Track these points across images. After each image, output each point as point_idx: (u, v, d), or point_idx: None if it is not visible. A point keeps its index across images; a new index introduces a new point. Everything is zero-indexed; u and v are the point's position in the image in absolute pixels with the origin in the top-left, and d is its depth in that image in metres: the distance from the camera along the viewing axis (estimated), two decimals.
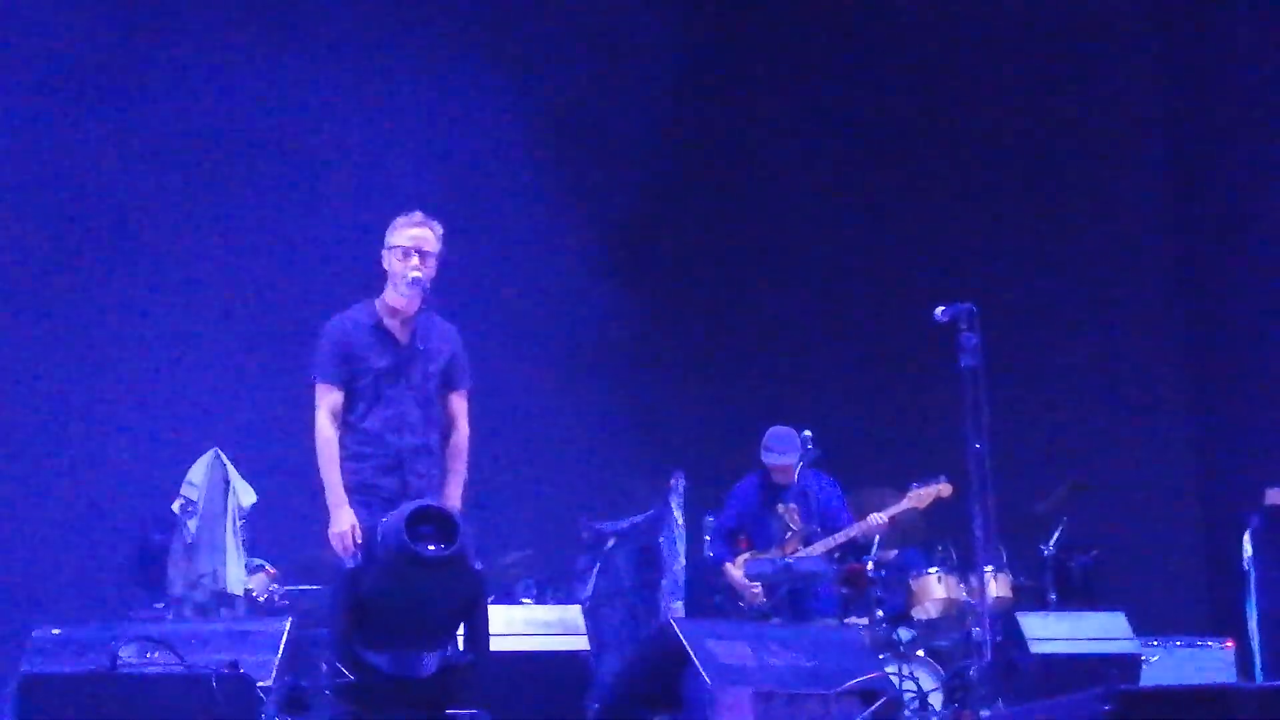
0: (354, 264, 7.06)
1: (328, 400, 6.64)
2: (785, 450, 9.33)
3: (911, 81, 11.82)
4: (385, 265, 6.80)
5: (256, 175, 10.48)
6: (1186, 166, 11.92)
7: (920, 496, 9.22)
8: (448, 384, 6.80)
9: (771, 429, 9.46)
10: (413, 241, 6.73)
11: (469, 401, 6.90)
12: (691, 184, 11.62)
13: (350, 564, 6.34)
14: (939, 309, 7.40)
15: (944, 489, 8.97)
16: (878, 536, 9.24)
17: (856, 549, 9.39)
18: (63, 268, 10.22)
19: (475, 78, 10.68)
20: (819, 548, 9.29)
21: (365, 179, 10.29)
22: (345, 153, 10.61)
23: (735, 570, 9.30)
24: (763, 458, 9.39)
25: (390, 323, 6.72)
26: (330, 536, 6.47)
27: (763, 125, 11.73)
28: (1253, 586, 9.12)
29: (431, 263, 6.74)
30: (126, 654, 6.27)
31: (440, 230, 6.80)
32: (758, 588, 9.12)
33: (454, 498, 6.68)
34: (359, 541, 6.38)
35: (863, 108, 11.78)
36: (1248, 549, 9.16)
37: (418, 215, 6.81)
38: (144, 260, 10.33)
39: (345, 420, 6.65)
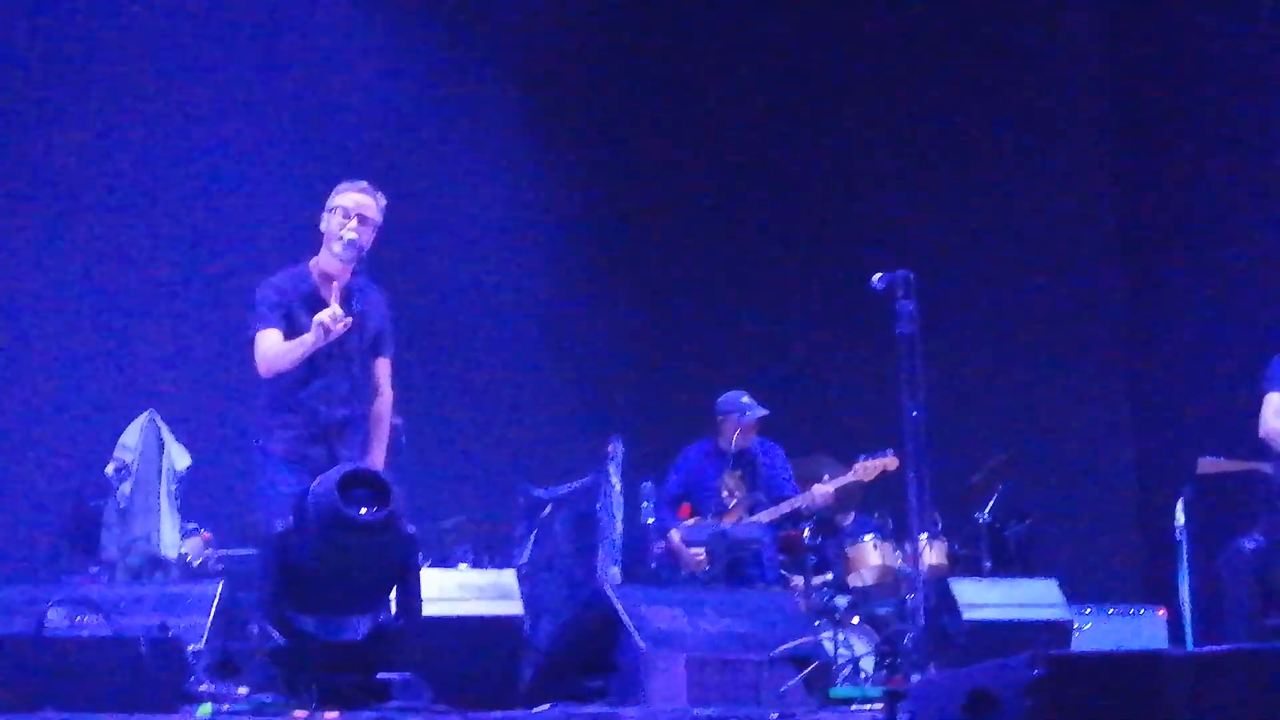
0: (291, 224, 7.01)
1: (266, 338, 6.60)
2: (756, 407, 9.35)
3: (848, 45, 11.83)
4: (323, 226, 6.75)
5: (191, 130, 10.37)
6: (1129, 135, 11.96)
7: (866, 469, 9.26)
8: (375, 350, 6.78)
9: (731, 392, 9.50)
10: (355, 205, 6.68)
11: (392, 367, 6.89)
12: (629, 149, 11.59)
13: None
14: (876, 276, 7.39)
15: (890, 462, 9.00)
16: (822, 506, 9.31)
17: (797, 517, 9.43)
18: None
19: (413, 34, 10.65)
20: (763, 517, 9.33)
21: (306, 139, 10.21)
22: (288, 111, 10.53)
23: (677, 536, 9.33)
24: (738, 419, 9.39)
25: (324, 290, 6.67)
26: (324, 326, 6.42)
27: (703, 90, 11.71)
28: (1184, 555, 9.20)
29: (370, 230, 6.69)
30: (55, 617, 6.22)
31: (383, 202, 6.76)
32: (700, 554, 9.15)
33: (377, 463, 6.66)
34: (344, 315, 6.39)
35: (798, 73, 11.78)
36: (1180, 518, 9.23)
37: (363, 182, 6.76)
38: (76, 218, 10.21)
39: (275, 389, 6.61)
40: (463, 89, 10.86)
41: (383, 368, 6.85)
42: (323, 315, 6.47)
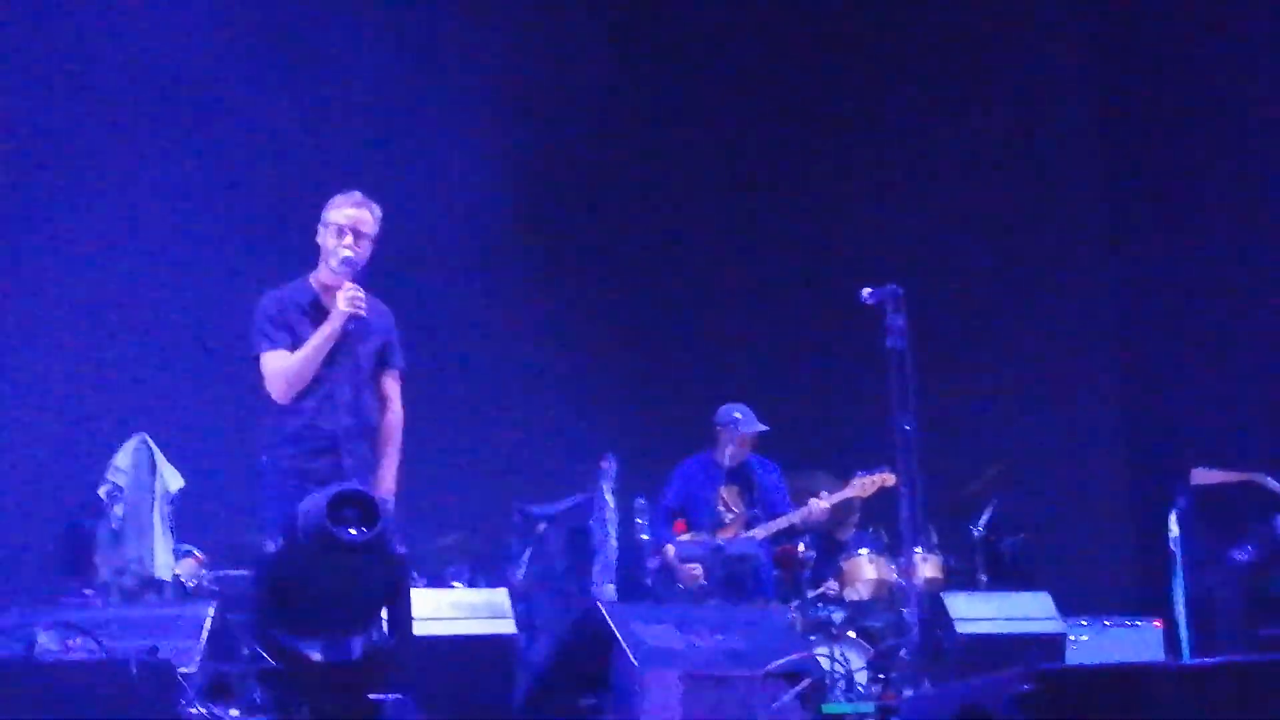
0: (284, 244, 6.99)
1: (277, 359, 6.58)
2: (754, 421, 9.36)
3: (839, 59, 11.84)
4: (319, 240, 6.74)
5: (182, 150, 10.36)
6: (1120, 150, 11.96)
7: (864, 485, 9.29)
8: (382, 364, 6.75)
9: (729, 406, 9.50)
10: (349, 220, 6.67)
11: (402, 383, 6.86)
12: (620, 164, 11.59)
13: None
14: (865, 291, 7.41)
15: (888, 478, 9.01)
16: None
17: (793, 533, 9.44)
18: None
19: (414, 51, 10.68)
20: (759, 532, 9.34)
21: (300, 155, 10.19)
22: (281, 129, 10.52)
23: (672, 552, 9.34)
24: (734, 431, 9.40)
25: (325, 300, 6.66)
26: (343, 311, 6.45)
27: (691, 105, 11.72)
28: (1179, 566, 9.19)
29: (366, 244, 6.67)
30: (45, 640, 6.20)
31: (379, 213, 6.74)
32: (697, 569, 9.15)
33: (388, 480, 6.63)
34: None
35: (791, 87, 11.79)
36: (1174, 529, 9.22)
37: (357, 195, 6.74)
38: (69, 238, 10.20)
39: (275, 405, 6.60)
40: (458, 106, 10.86)
41: (392, 383, 6.81)
42: (343, 294, 6.45)
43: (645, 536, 9.60)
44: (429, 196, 10.53)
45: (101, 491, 8.94)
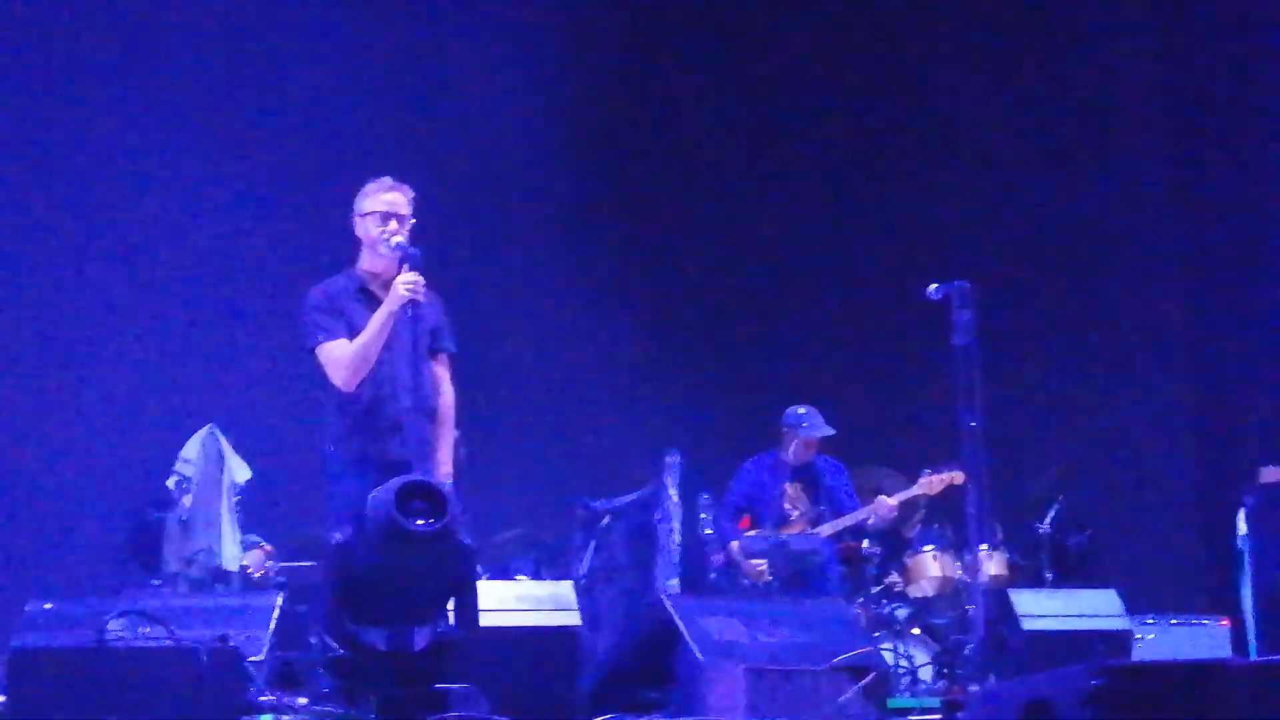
0: (346, 233, 7.03)
1: (336, 347, 6.62)
2: (819, 424, 9.34)
3: (907, 53, 11.78)
4: (359, 232, 6.78)
5: (247, 148, 10.45)
6: (1190, 141, 11.85)
7: (932, 483, 9.28)
8: (433, 345, 6.79)
9: (795, 407, 9.50)
10: (387, 206, 6.71)
11: (452, 367, 6.91)
12: (690, 159, 11.59)
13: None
14: (932, 286, 7.37)
15: (956, 476, 8.98)
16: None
17: (860, 531, 9.44)
18: (57, 243, 10.21)
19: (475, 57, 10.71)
20: (827, 529, 9.34)
21: (352, 150, 10.24)
22: (335, 124, 10.59)
23: (736, 547, 9.35)
24: (798, 434, 9.41)
25: (373, 287, 6.71)
26: (400, 297, 6.47)
27: (762, 101, 11.70)
28: (1247, 564, 9.11)
29: (407, 226, 6.72)
30: (116, 628, 6.26)
31: (411, 194, 6.76)
32: (762, 565, 9.16)
33: (446, 462, 6.68)
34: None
35: (858, 81, 11.74)
36: (1242, 527, 9.14)
37: (387, 180, 6.78)
38: (139, 235, 10.32)
39: (337, 393, 6.65)
40: (518, 93, 10.89)
41: (442, 364, 6.86)
42: (402, 280, 6.49)
43: (709, 532, 9.61)
44: (497, 187, 10.61)
45: (170, 483, 9.03)
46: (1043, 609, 8.05)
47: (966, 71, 11.78)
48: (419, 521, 5.96)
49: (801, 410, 9.53)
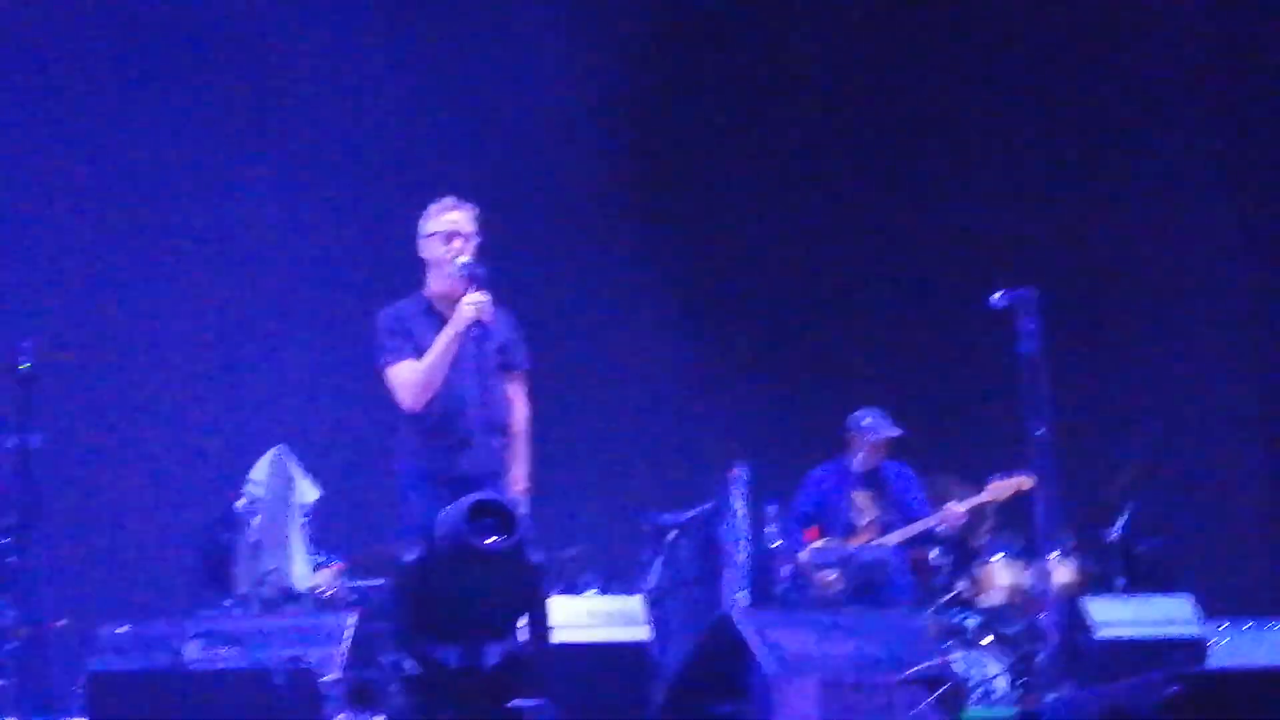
0: (413, 255, 7.08)
1: (403, 369, 6.65)
2: (886, 425, 9.34)
3: (969, 59, 11.72)
4: (424, 254, 6.86)
5: (315, 169, 10.52)
6: (1252, 144, 11.75)
7: (1000, 489, 9.23)
8: (506, 364, 6.82)
9: (861, 411, 9.47)
10: (451, 226, 6.78)
11: (528, 384, 6.94)
12: (750, 168, 11.58)
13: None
14: (997, 294, 7.34)
15: (1024, 482, 8.92)
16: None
17: (924, 539, 9.40)
18: (126, 265, 10.28)
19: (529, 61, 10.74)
20: (895, 537, 9.31)
21: (418, 172, 10.29)
22: (404, 144, 10.65)
23: (805, 559, 9.32)
24: (865, 437, 9.37)
25: (440, 307, 6.75)
26: (466, 317, 6.53)
27: (819, 110, 11.68)
28: None
29: (472, 245, 6.75)
30: (191, 650, 6.31)
31: (475, 212, 6.82)
32: (832, 576, 9.12)
33: (521, 480, 6.73)
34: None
35: (917, 87, 11.69)
36: None
37: (450, 200, 6.86)
38: (209, 257, 10.39)
39: (405, 409, 6.70)
40: (574, 102, 10.94)
41: (516, 382, 6.89)
42: (468, 300, 6.53)
43: (777, 544, 9.59)
44: (558, 199, 10.64)
45: (239, 505, 9.07)
46: (1116, 616, 7.98)
47: (1033, 77, 11.71)
48: (489, 539, 6.00)
49: (867, 414, 9.50)
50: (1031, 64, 11.72)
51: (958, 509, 9.26)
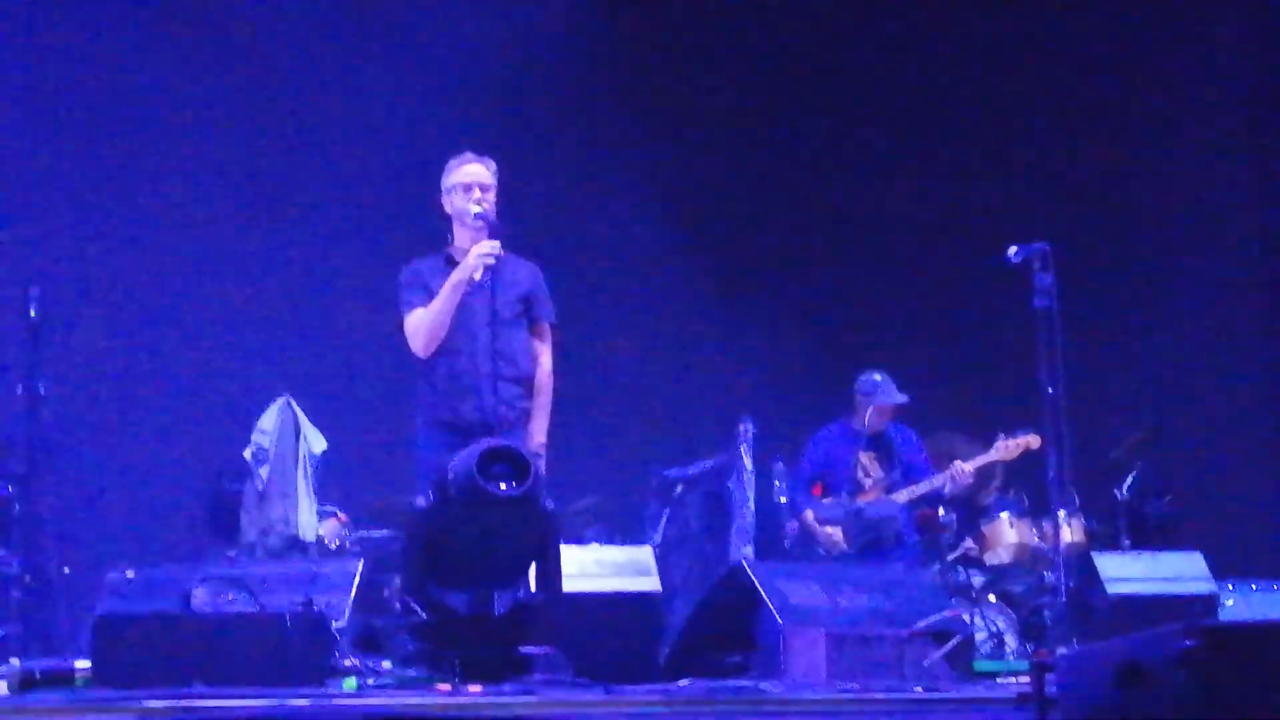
0: (424, 209, 7.07)
1: (414, 316, 6.70)
2: (892, 392, 9.31)
3: (984, 16, 11.65)
4: (447, 209, 6.86)
5: (327, 121, 10.51)
6: (1269, 106, 11.70)
7: (1008, 448, 9.20)
8: (528, 316, 6.80)
9: (868, 374, 9.44)
10: (470, 177, 6.77)
11: (553, 336, 6.92)
12: (761, 129, 11.53)
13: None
14: (1012, 249, 7.30)
15: (1033, 440, 8.89)
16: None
17: (931, 498, 9.38)
18: (132, 215, 10.27)
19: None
20: (901, 496, 9.28)
21: (424, 122, 10.25)
22: (414, 102, 10.61)
23: (811, 515, 9.31)
24: (871, 401, 9.34)
25: (461, 259, 6.73)
26: (472, 264, 6.56)
27: (834, 68, 11.62)
28: None
29: (491, 196, 6.75)
30: (200, 595, 6.31)
31: (494, 166, 6.82)
32: (837, 533, 9.11)
33: (539, 432, 6.70)
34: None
35: (931, 43, 11.63)
36: None
37: (468, 154, 6.85)
38: (217, 208, 10.37)
39: (419, 359, 6.69)
40: (588, 84, 10.91)
41: (541, 334, 6.88)
42: (477, 247, 6.56)
43: (783, 500, 9.59)
44: (572, 158, 10.61)
45: (247, 454, 9.09)
46: (1127, 572, 7.99)
47: (1049, 33, 11.63)
48: (501, 485, 5.98)
49: (876, 377, 9.45)
50: (1056, 21, 11.63)
51: (964, 468, 9.23)
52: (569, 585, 6.53)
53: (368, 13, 10.63)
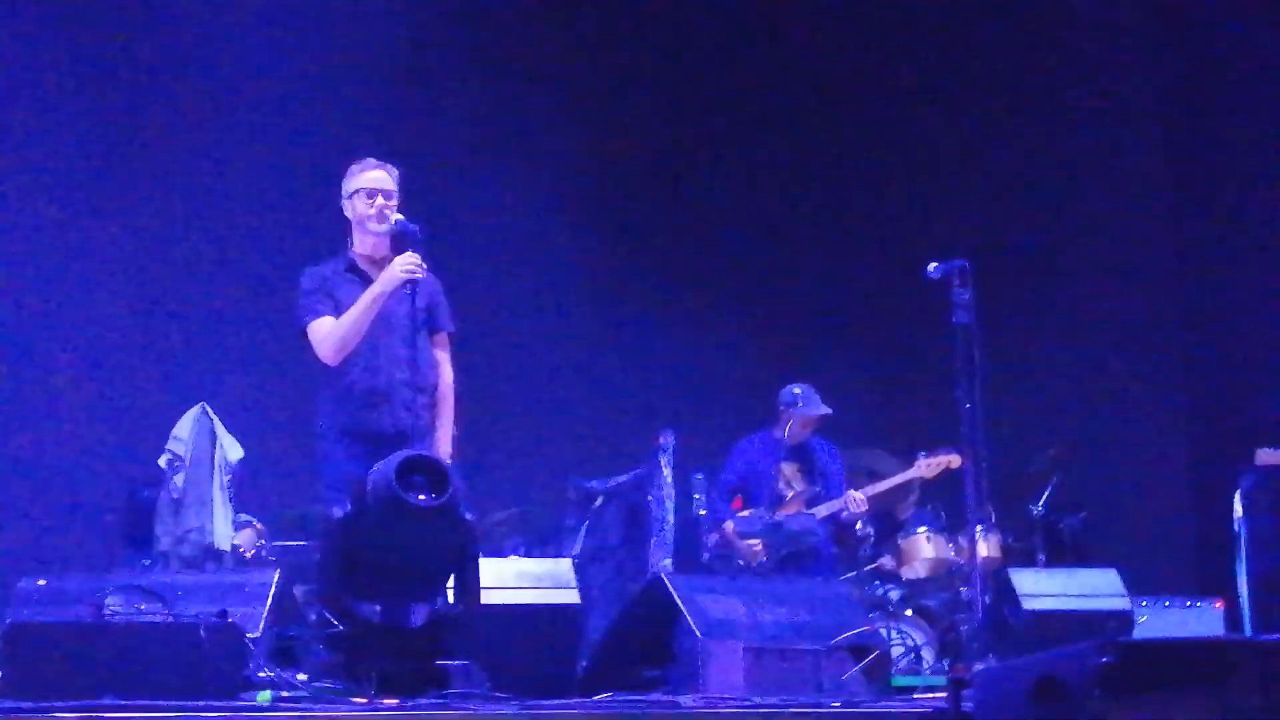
0: (338, 215, 7.02)
1: (323, 325, 6.61)
2: (816, 403, 9.31)
3: (905, 31, 11.73)
4: (348, 213, 6.83)
5: (232, 125, 10.42)
6: (1186, 127, 11.83)
7: (926, 466, 9.25)
8: (431, 324, 6.78)
9: (793, 385, 9.46)
10: (373, 183, 6.74)
11: (452, 347, 6.90)
12: (680, 136, 11.54)
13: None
14: (931, 265, 7.34)
15: (953, 460, 8.96)
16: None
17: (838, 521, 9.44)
18: (49, 223, 10.15)
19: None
20: (822, 510, 9.31)
21: (345, 132, 10.19)
22: (327, 109, 10.55)
23: (731, 528, 9.32)
24: (794, 412, 9.36)
25: (363, 265, 6.72)
26: (396, 277, 6.50)
27: (755, 76, 11.65)
28: (1243, 547, 9.08)
29: (394, 203, 6.73)
30: (113, 604, 6.22)
31: (396, 173, 6.79)
32: (757, 545, 9.13)
33: (445, 442, 6.67)
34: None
35: (857, 58, 11.69)
36: (1238, 509, 9.11)
37: (371, 160, 6.82)
38: (129, 214, 10.26)
39: (328, 367, 6.64)
40: (505, 80, 10.88)
41: (441, 344, 6.86)
42: (401, 260, 6.50)
43: (703, 512, 9.59)
44: (492, 165, 10.56)
45: (162, 461, 8.95)
46: (1043, 588, 8.02)
47: (967, 51, 11.73)
48: (420, 496, 5.94)
49: (798, 389, 9.49)
50: (972, 41, 11.73)
51: (857, 497, 9.31)
52: (487, 597, 6.49)
53: (270, 10, 10.54)
